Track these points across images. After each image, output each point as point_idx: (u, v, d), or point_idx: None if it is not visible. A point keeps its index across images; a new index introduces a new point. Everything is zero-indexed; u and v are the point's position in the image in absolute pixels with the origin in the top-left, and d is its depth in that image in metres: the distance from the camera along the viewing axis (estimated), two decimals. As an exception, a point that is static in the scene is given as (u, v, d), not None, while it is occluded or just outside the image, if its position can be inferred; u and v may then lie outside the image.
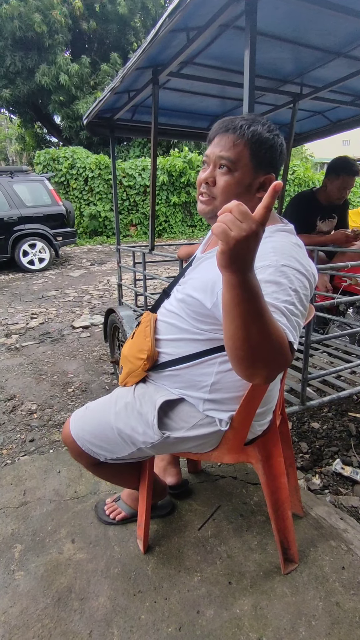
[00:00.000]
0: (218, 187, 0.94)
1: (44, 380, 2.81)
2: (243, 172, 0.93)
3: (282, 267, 0.82)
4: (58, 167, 10.70)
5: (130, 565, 1.24)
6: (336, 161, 2.52)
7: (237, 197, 0.89)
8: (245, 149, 0.91)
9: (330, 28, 1.64)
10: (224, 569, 1.21)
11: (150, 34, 1.48)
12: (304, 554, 1.24)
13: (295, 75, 2.19)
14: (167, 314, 1.10)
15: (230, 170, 0.93)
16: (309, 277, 0.86)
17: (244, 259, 0.62)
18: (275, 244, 0.88)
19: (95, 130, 2.71)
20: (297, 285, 0.82)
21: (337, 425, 2.07)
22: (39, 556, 1.29)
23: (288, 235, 0.96)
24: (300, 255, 0.89)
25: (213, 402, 1.03)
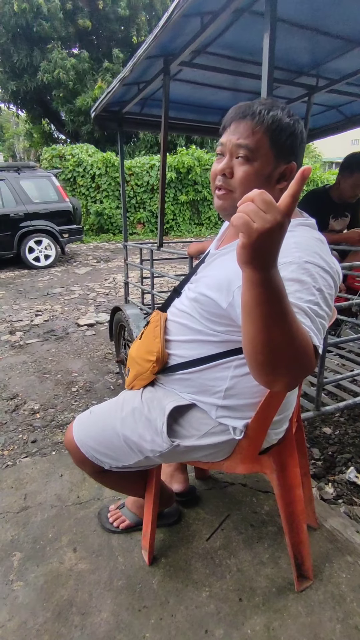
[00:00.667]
0: (236, 179, 0.86)
1: (48, 379, 2.76)
2: (263, 161, 0.85)
3: (305, 264, 0.75)
4: (65, 165, 10.66)
5: (135, 577, 1.18)
6: (350, 158, 2.43)
7: (257, 184, 0.83)
8: (264, 136, 0.84)
9: (352, 14, 1.56)
10: (234, 584, 1.15)
11: (163, 18, 1.41)
12: (318, 570, 1.17)
13: (311, 66, 2.10)
14: (179, 313, 1.03)
15: (249, 159, 0.85)
16: (333, 275, 0.79)
17: (268, 253, 0.56)
18: (298, 239, 0.81)
19: (103, 124, 2.64)
20: (321, 283, 0.75)
21: (350, 430, 1.99)
22: (39, 566, 1.23)
23: (310, 230, 0.88)
24: (324, 251, 0.81)
25: (227, 409, 0.96)
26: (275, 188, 0.87)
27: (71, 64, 12.49)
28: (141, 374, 1.07)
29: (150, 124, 2.79)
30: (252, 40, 1.81)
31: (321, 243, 0.84)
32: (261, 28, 1.65)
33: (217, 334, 0.93)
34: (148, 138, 14.19)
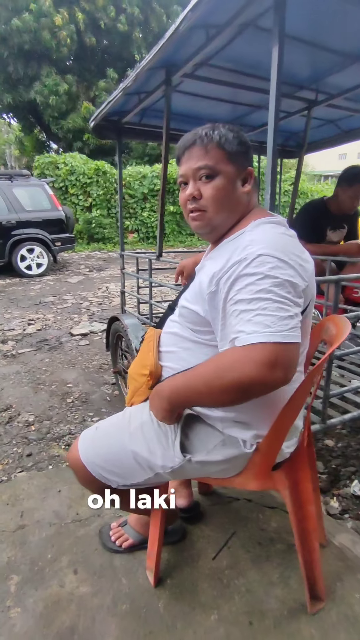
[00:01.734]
0: (206, 197, 0.92)
1: (42, 389, 2.69)
2: (224, 173, 0.91)
3: (259, 257, 0.78)
4: (57, 173, 10.65)
5: (140, 600, 1.13)
6: (349, 171, 2.46)
7: (228, 199, 0.92)
8: (218, 151, 0.91)
9: (354, 30, 1.59)
10: (244, 606, 1.10)
11: (170, 30, 1.41)
12: (330, 590, 1.14)
13: (311, 80, 2.13)
14: (170, 325, 1.05)
15: (212, 176, 0.91)
16: (293, 264, 0.79)
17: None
18: (254, 236, 0.85)
19: (102, 134, 2.63)
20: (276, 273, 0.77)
21: (353, 443, 1.98)
22: (38, 589, 1.16)
23: (275, 226, 0.89)
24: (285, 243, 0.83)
25: (232, 420, 0.93)
26: (242, 193, 0.94)
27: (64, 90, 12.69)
28: (138, 389, 1.07)
29: (149, 135, 2.79)
30: (253, 54, 1.83)
31: (284, 236, 0.86)
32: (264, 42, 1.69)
33: (205, 342, 0.94)
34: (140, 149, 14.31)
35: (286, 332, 0.74)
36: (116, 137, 2.63)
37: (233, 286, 0.81)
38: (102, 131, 2.59)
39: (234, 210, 0.94)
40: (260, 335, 0.73)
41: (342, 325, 0.99)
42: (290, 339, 0.74)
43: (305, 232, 2.44)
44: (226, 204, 0.92)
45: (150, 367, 1.03)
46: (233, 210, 0.94)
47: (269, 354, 0.72)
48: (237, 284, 0.80)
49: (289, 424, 0.93)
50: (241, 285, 0.79)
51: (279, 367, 0.73)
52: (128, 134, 2.72)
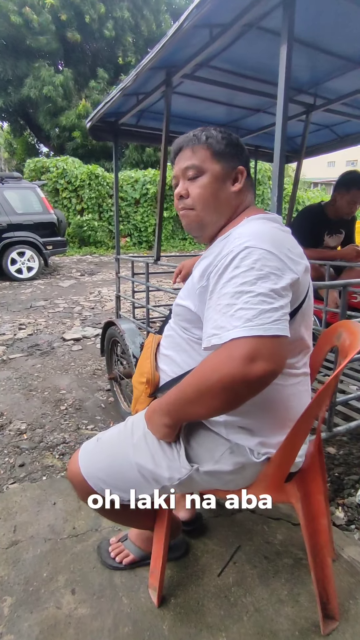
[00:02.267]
0: (192, 196, 0.94)
1: (34, 396, 2.60)
2: (211, 171, 0.93)
3: (245, 249, 0.76)
4: (48, 176, 10.57)
5: (143, 622, 1.06)
6: (346, 176, 2.46)
7: (214, 197, 0.93)
8: (205, 150, 0.93)
9: (356, 34, 1.58)
10: (253, 627, 1.04)
11: (173, 27, 1.38)
12: (343, 608, 1.09)
13: (311, 84, 2.13)
14: (167, 331, 1.03)
15: (198, 175, 0.94)
16: (280, 256, 0.76)
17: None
18: (242, 229, 0.84)
19: (98, 135, 2.58)
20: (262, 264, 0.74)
21: (355, 450, 1.94)
22: (33, 612, 1.09)
23: (265, 221, 0.87)
24: (273, 235, 0.80)
25: (236, 426, 0.89)
26: (230, 192, 0.94)
27: (59, 81, 12.56)
28: (138, 397, 1.05)
29: (145, 137, 2.76)
30: (255, 56, 1.81)
31: (276, 230, 0.83)
32: (266, 44, 1.67)
33: (197, 338, 0.92)
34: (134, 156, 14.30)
35: (268, 325, 0.70)
36: (113, 139, 2.59)
37: (219, 280, 0.78)
38: (99, 132, 2.54)
39: (222, 209, 0.94)
40: (240, 330, 0.70)
41: (357, 333, 0.95)
42: (274, 331, 0.70)
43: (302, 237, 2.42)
44: (212, 202, 0.93)
45: (147, 375, 1.01)
46: (221, 209, 0.94)
47: (248, 349, 0.69)
48: (223, 278, 0.77)
49: (305, 434, 0.89)
50: (226, 279, 0.76)
51: (260, 360, 0.68)
52: (125, 136, 2.67)
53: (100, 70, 13.56)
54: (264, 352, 0.69)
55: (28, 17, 11.71)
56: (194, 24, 1.33)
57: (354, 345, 0.94)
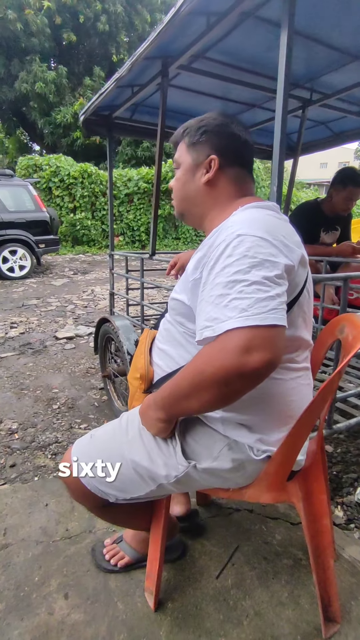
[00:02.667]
0: (172, 188, 0.99)
1: (26, 395, 2.55)
2: (184, 164, 0.95)
3: (237, 237, 0.73)
4: (41, 175, 10.45)
5: (139, 628, 1.02)
6: (343, 172, 2.44)
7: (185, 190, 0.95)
8: (182, 144, 0.95)
9: (355, 26, 1.55)
10: (253, 632, 1.01)
11: (169, 14, 1.34)
12: (345, 610, 1.06)
13: (307, 79, 2.10)
14: (163, 325, 1.00)
15: (177, 169, 0.97)
16: (273, 242, 0.73)
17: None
18: (237, 217, 0.81)
19: (92, 129, 2.53)
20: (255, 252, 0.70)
21: (352, 448, 1.92)
22: (24, 619, 1.04)
23: (260, 209, 0.83)
24: (267, 223, 0.77)
25: (233, 422, 0.85)
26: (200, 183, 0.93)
27: (51, 78, 12.44)
28: (134, 394, 1.02)
29: (140, 131, 2.71)
30: (251, 48, 1.78)
31: (270, 217, 0.80)
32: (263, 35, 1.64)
33: (192, 332, 0.88)
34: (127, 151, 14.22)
35: (264, 314, 0.66)
36: (106, 133, 2.54)
37: (212, 270, 0.75)
38: (92, 126, 2.49)
39: (194, 200, 0.95)
40: (235, 320, 0.66)
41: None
42: (270, 321, 0.66)
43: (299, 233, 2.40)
44: (183, 194, 0.97)
45: (141, 371, 0.99)
46: (193, 200, 0.95)
47: (243, 340, 0.65)
48: (215, 268, 0.74)
49: (308, 431, 0.85)
50: (218, 269, 0.73)
51: (256, 351, 0.64)
52: (119, 130, 2.63)
53: (97, 69, 13.45)
54: (260, 342, 0.65)
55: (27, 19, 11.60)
56: (191, 10, 1.30)
57: (358, 338, 0.91)
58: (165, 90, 1.88)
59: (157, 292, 5.68)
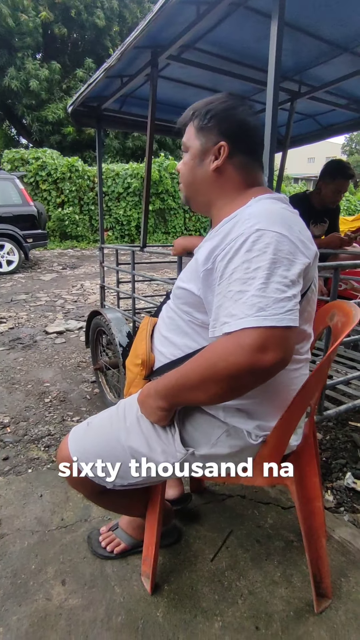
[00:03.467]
0: (180, 173, 0.97)
1: (17, 389, 2.53)
2: (192, 148, 0.92)
3: (256, 232, 0.73)
4: (27, 168, 10.28)
5: (136, 610, 1.04)
6: (331, 164, 2.47)
7: (192, 176, 0.93)
8: (191, 127, 0.92)
9: (345, 17, 1.57)
10: (248, 610, 1.04)
11: (159, 2, 1.33)
12: (335, 586, 1.09)
13: (296, 71, 2.12)
14: (166, 312, 1.00)
15: (185, 152, 0.94)
16: (293, 239, 0.74)
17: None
18: (253, 209, 0.80)
19: (80, 121, 2.51)
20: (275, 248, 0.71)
21: (340, 435, 1.97)
22: (22, 605, 1.05)
23: (274, 201, 0.83)
24: (284, 217, 0.77)
25: (234, 409, 0.87)
26: (207, 170, 0.90)
27: (44, 75, 12.19)
28: (133, 380, 1.02)
29: (129, 123, 2.70)
30: (241, 39, 1.78)
31: (286, 211, 0.80)
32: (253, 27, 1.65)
33: (202, 325, 0.88)
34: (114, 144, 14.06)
35: (281, 315, 0.68)
36: (95, 125, 2.52)
37: (229, 264, 0.75)
38: (81, 118, 2.47)
39: (201, 187, 0.93)
40: (253, 319, 0.68)
41: (351, 312, 0.95)
42: (286, 322, 0.68)
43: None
44: (190, 180, 0.94)
45: (143, 357, 0.99)
46: (200, 187, 0.93)
47: (259, 339, 0.67)
48: (233, 262, 0.74)
49: (300, 415, 0.88)
50: (237, 264, 0.73)
51: (270, 351, 0.67)
52: (108, 122, 2.61)
53: (88, 60, 13.21)
54: (275, 342, 0.68)
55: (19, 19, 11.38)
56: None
57: (347, 324, 0.94)
58: (154, 81, 1.87)
59: (147, 285, 5.68)
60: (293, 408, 0.84)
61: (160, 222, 12.27)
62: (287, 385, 0.87)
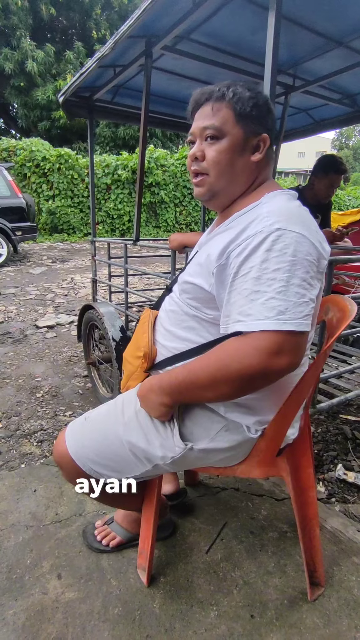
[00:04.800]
0: (208, 160, 0.85)
1: (8, 384, 2.51)
2: (232, 135, 0.83)
3: (276, 231, 0.72)
4: (15, 160, 10.08)
5: (133, 602, 1.05)
6: (324, 159, 2.47)
7: (231, 165, 0.84)
8: (228, 110, 0.82)
9: (339, 11, 1.56)
10: (243, 600, 1.06)
11: (155, -10, 1.31)
12: (328, 575, 1.12)
13: (290, 64, 2.11)
14: (170, 303, 0.97)
15: (217, 138, 0.83)
16: (313, 240, 0.73)
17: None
18: (271, 207, 0.77)
19: (72, 111, 2.47)
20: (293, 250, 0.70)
21: (332, 428, 2.00)
22: (18, 600, 1.05)
23: (289, 198, 0.83)
24: (301, 216, 0.76)
25: (235, 405, 0.87)
26: (249, 161, 0.85)
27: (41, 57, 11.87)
28: (132, 372, 1.01)
29: (122, 115, 2.66)
30: (237, 31, 1.77)
31: (301, 210, 0.79)
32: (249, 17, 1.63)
33: (210, 319, 0.87)
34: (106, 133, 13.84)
35: (299, 320, 0.69)
36: (87, 115, 2.48)
37: (246, 262, 0.73)
38: (73, 108, 2.43)
39: (237, 179, 0.86)
40: (273, 322, 0.68)
41: (347, 307, 0.96)
42: (303, 327, 0.69)
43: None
44: (227, 170, 0.84)
45: (145, 349, 0.97)
46: (237, 179, 0.86)
47: (276, 343, 0.68)
48: (251, 260, 0.73)
49: (297, 408, 0.89)
50: (255, 262, 0.72)
51: (285, 355, 0.69)
52: (100, 113, 2.57)
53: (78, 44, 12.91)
54: (291, 347, 0.69)
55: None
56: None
57: (342, 319, 0.95)
58: (148, 72, 1.84)
59: (138, 279, 5.65)
60: (290, 402, 0.85)
61: (151, 216, 12.19)
62: (289, 383, 0.87)
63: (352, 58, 1.96)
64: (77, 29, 13.73)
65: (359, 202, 15.44)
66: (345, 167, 2.43)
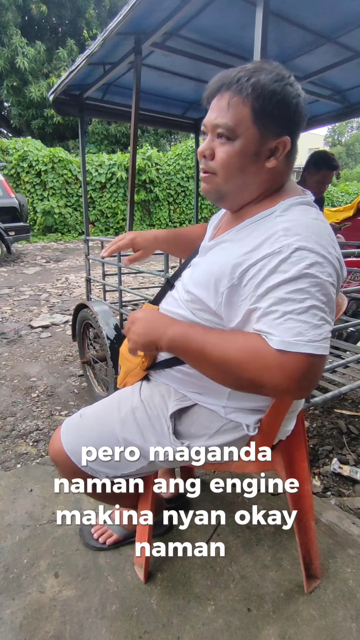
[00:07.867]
0: (217, 161, 0.77)
1: (3, 384, 2.50)
2: (245, 138, 0.74)
3: (295, 251, 0.68)
4: (8, 159, 10.01)
5: (130, 599, 1.05)
6: (316, 155, 2.48)
7: (242, 171, 0.76)
8: (245, 108, 0.72)
9: (327, 7, 1.56)
10: (240, 594, 1.06)
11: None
12: (323, 567, 1.13)
13: (280, 61, 2.05)
14: (173, 303, 0.94)
15: (229, 138, 0.74)
16: (332, 260, 0.70)
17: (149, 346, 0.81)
18: (288, 224, 0.72)
19: (62, 109, 2.46)
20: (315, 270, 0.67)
21: (326, 422, 2.01)
22: (15, 599, 1.05)
23: (306, 209, 0.76)
24: (321, 233, 0.72)
25: (236, 408, 0.88)
26: (263, 167, 0.76)
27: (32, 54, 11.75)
28: (131, 370, 1.00)
29: (112, 113, 2.65)
30: (226, 27, 1.76)
31: (319, 223, 0.74)
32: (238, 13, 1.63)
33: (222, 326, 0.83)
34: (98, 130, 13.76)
35: (318, 344, 0.67)
36: (77, 114, 2.47)
37: (263, 283, 0.70)
38: (63, 106, 2.42)
39: (247, 185, 0.78)
40: (294, 343, 0.66)
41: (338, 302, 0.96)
42: (321, 351, 0.67)
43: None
44: (237, 175, 0.76)
45: None
46: (246, 185, 0.78)
47: (301, 367, 0.67)
48: (268, 281, 0.69)
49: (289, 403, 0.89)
50: (273, 283, 0.68)
51: (306, 381, 0.69)
52: (91, 111, 2.56)
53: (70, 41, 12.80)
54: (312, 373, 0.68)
55: None
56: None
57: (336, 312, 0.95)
58: (138, 69, 1.83)
59: (133, 278, 5.65)
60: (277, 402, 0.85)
61: (145, 214, 12.16)
62: None
63: (342, 54, 1.96)
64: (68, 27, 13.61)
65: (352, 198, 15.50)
66: (337, 163, 2.44)
